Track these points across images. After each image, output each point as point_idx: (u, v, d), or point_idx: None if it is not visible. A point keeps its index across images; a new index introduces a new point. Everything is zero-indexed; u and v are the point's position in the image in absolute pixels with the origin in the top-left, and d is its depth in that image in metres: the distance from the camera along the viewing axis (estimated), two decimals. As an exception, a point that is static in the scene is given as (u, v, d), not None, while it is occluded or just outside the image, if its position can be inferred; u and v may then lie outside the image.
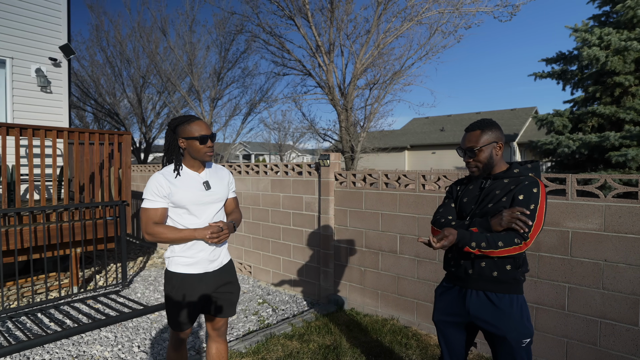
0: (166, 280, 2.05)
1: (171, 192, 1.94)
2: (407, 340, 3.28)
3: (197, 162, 2.03)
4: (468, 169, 1.89)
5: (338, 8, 9.94)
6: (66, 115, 6.38)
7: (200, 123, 1.98)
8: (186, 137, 1.96)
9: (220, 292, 2.12)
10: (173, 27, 15.31)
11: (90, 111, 17.60)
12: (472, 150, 1.82)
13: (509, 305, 1.73)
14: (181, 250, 2.00)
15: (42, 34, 6.12)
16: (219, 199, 2.09)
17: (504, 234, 1.67)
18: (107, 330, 3.52)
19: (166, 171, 2.00)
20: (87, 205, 4.46)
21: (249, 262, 5.33)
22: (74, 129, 4.43)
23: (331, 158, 4.19)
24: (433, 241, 1.68)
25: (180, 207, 1.97)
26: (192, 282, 2.02)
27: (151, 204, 1.95)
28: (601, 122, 7.36)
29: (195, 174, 2.04)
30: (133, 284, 4.97)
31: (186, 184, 1.98)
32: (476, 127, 1.84)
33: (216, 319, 2.17)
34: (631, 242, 2.54)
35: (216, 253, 2.08)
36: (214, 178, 2.09)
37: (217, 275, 2.09)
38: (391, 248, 3.76)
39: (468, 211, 1.86)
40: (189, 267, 2.01)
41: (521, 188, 1.71)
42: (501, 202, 1.74)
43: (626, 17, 7.41)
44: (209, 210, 2.04)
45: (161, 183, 1.94)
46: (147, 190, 1.96)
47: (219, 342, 2.24)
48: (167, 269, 2.05)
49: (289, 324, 3.63)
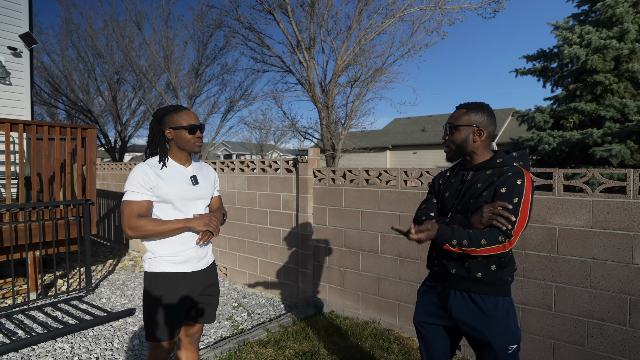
0: (148, 284, 1.80)
1: (157, 185, 1.76)
2: (388, 345, 3.11)
3: (184, 154, 1.89)
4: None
5: (318, 3, 9.75)
6: (28, 109, 5.97)
7: (189, 112, 1.86)
8: (174, 126, 1.82)
9: (205, 294, 1.93)
10: (148, 21, 14.87)
11: (63, 108, 16.85)
12: (449, 126, 1.69)
13: (494, 307, 1.57)
14: (168, 248, 1.79)
15: (0, 21, 5.70)
16: (205, 195, 1.94)
17: (487, 231, 1.49)
18: (63, 341, 3.21)
19: (151, 162, 1.83)
20: (45, 204, 4.12)
21: (224, 263, 5.07)
22: (32, 122, 4.09)
23: (310, 154, 3.99)
24: (412, 230, 1.47)
25: (166, 201, 1.80)
26: (180, 282, 1.81)
27: (136, 196, 1.74)
28: (582, 118, 7.42)
29: (181, 167, 1.89)
30: (99, 289, 4.65)
31: (173, 176, 1.83)
32: (464, 106, 1.69)
33: (193, 325, 1.97)
34: (619, 239, 2.43)
35: (204, 250, 1.91)
36: (200, 174, 1.96)
37: (204, 275, 1.91)
38: (372, 247, 3.59)
39: (450, 206, 1.69)
40: (179, 266, 1.81)
41: (504, 180, 1.54)
42: (482, 197, 1.56)
43: (605, 15, 7.50)
44: (195, 207, 1.87)
45: (147, 173, 1.75)
46: (131, 182, 1.75)
47: (190, 350, 2.02)
48: (150, 271, 1.81)
49: (264, 329, 3.41)
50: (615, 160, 6.10)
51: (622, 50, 7.17)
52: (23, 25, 5.93)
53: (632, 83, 7.57)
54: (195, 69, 14.12)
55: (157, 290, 1.79)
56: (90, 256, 4.72)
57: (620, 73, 7.38)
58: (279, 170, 4.34)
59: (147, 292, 1.82)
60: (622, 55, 7.23)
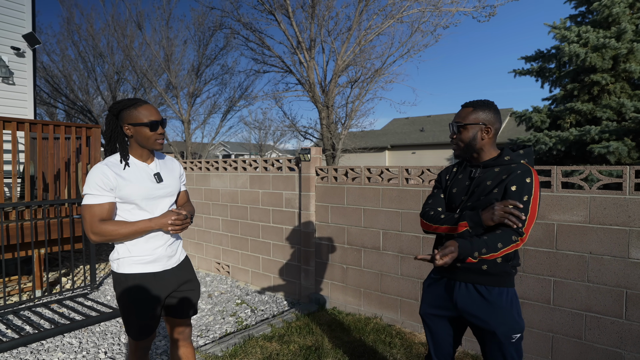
0: (117, 285, 1.78)
1: (118, 186, 1.70)
2: (391, 339, 3.17)
3: (146, 151, 1.81)
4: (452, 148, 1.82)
5: (319, 4, 9.82)
6: (31, 108, 6.02)
7: (149, 107, 1.77)
8: (133, 123, 1.73)
9: (181, 290, 1.92)
10: (149, 21, 14.92)
11: (62, 108, 16.87)
12: (457, 125, 1.73)
13: (498, 297, 1.63)
14: (134, 248, 1.75)
15: (4, 21, 5.74)
16: (171, 192, 1.89)
17: (500, 233, 1.55)
18: (71, 336, 3.27)
19: (110, 162, 1.75)
20: (51, 202, 4.17)
21: (227, 261, 5.13)
22: (37, 121, 4.14)
23: (312, 152, 4.05)
24: (437, 257, 1.48)
25: (129, 202, 1.74)
26: (152, 282, 1.79)
27: (95, 199, 1.67)
28: (579, 119, 7.51)
29: (144, 164, 1.82)
30: (103, 287, 4.70)
31: (135, 176, 1.76)
32: (470, 104, 1.74)
33: (179, 322, 1.97)
34: (616, 234, 2.50)
35: (173, 248, 1.89)
36: (164, 170, 1.89)
37: (176, 272, 1.90)
38: (374, 244, 3.65)
39: (458, 203, 1.74)
40: (147, 266, 1.78)
41: (513, 178, 1.59)
42: (493, 194, 1.62)
43: (602, 15, 7.60)
44: (161, 205, 1.83)
45: (106, 174, 1.68)
46: (89, 184, 1.67)
47: (184, 346, 2.02)
48: (117, 272, 1.77)
49: (268, 324, 3.46)
50: (612, 158, 6.18)
51: (621, 50, 7.26)
52: (26, 26, 5.98)
53: (629, 83, 7.67)
54: (196, 69, 14.17)
55: (127, 291, 1.76)
56: (95, 254, 4.76)
57: (618, 73, 7.48)
58: (282, 168, 4.40)
59: (117, 293, 1.79)
60: (620, 54, 7.32)
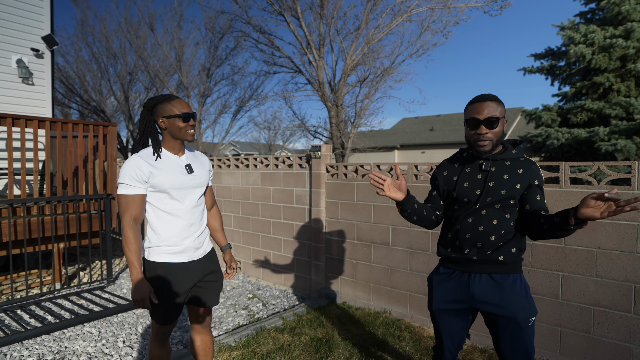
0: (148, 271, 1.89)
1: (152, 175, 1.80)
2: (400, 333, 3.23)
3: (178, 143, 1.92)
4: (477, 144, 1.68)
5: (327, 4, 9.89)
6: (49, 108, 6.20)
7: (181, 101, 1.88)
8: (167, 115, 1.83)
9: (206, 281, 2.03)
10: (161, 22, 15.17)
11: (76, 108, 17.23)
12: (491, 119, 1.63)
13: (513, 283, 1.70)
14: (165, 238, 1.87)
15: (24, 23, 5.93)
16: (201, 183, 1.99)
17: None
18: (90, 326, 3.39)
19: (144, 154, 1.85)
20: (70, 198, 4.31)
21: (238, 257, 5.23)
22: (57, 119, 4.28)
23: (322, 150, 4.12)
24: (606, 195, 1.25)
25: (162, 191, 1.84)
26: (178, 272, 1.90)
27: (128, 189, 1.78)
28: (590, 116, 7.46)
29: (175, 157, 1.92)
30: (119, 280, 4.83)
31: (167, 166, 1.86)
32: (491, 97, 1.69)
33: (200, 310, 2.08)
34: (624, 229, 2.53)
35: (200, 240, 1.99)
36: (195, 162, 2.00)
37: (202, 263, 2.00)
38: (383, 240, 3.71)
39: (472, 196, 1.74)
40: (175, 256, 1.90)
41: (534, 173, 1.68)
42: (516, 189, 1.67)
43: (611, 13, 7.53)
44: (191, 195, 1.94)
45: (140, 166, 1.78)
46: (124, 174, 1.77)
47: (203, 333, 2.14)
48: (148, 259, 1.89)
49: (279, 317, 3.55)
50: (620, 156, 6.16)
51: (629, 50, 7.19)
52: (45, 28, 6.16)
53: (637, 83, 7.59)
54: (206, 69, 14.36)
55: (155, 279, 1.87)
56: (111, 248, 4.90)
57: (626, 72, 7.41)
58: (292, 165, 4.48)
59: (147, 279, 1.88)
60: (628, 54, 7.25)
